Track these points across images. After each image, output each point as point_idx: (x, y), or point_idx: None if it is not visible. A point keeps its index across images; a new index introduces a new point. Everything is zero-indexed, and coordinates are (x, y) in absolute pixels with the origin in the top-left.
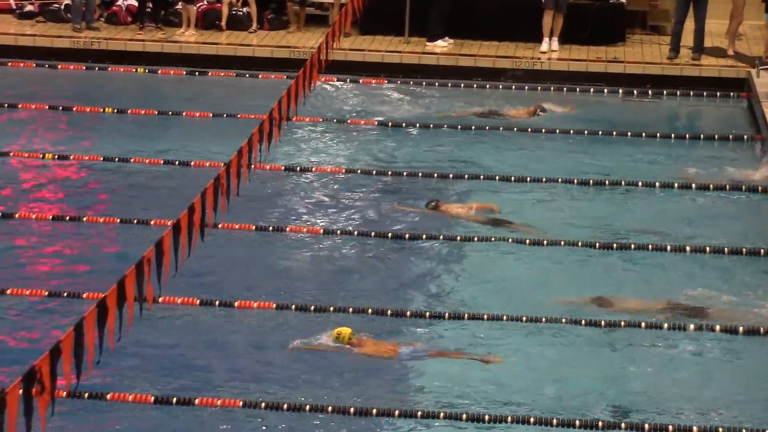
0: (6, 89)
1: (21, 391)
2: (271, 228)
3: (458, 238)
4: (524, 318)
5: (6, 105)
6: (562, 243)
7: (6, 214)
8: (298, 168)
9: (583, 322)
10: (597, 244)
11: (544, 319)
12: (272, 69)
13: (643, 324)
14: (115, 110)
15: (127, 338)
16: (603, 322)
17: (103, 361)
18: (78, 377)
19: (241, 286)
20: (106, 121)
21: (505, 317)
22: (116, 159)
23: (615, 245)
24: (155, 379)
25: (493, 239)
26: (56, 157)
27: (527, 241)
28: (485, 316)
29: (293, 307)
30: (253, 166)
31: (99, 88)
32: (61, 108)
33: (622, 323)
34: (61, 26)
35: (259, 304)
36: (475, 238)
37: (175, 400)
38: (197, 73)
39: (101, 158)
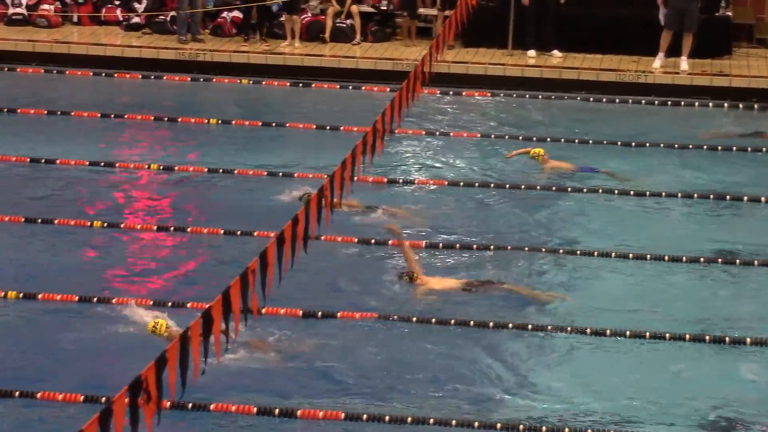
0: (112, 100)
1: (127, 401)
2: (373, 241)
3: (560, 251)
4: (627, 333)
5: (112, 115)
6: (666, 258)
7: (111, 223)
8: (401, 180)
9: (687, 337)
10: (702, 259)
11: (647, 335)
12: (375, 81)
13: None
14: (220, 121)
15: (231, 348)
16: (708, 338)
17: (207, 370)
18: (183, 387)
19: (343, 298)
20: (211, 132)
21: (608, 331)
22: (220, 170)
23: (721, 260)
24: (259, 389)
25: (596, 254)
26: (161, 167)
27: (630, 256)
28: (588, 330)
29: (395, 317)
30: (355, 177)
31: (204, 99)
32: (166, 119)
33: (727, 339)
34: (167, 38)
35: (362, 315)
36: (578, 252)
37: (277, 411)
38: (301, 85)
39: (206, 169)
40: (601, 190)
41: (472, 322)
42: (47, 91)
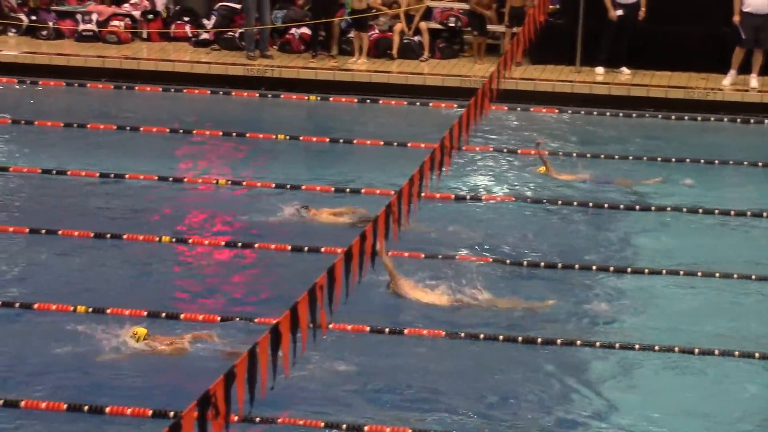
0: (181, 115)
1: (196, 415)
2: (440, 256)
3: (628, 269)
4: (696, 350)
5: (181, 131)
6: (735, 276)
7: (180, 239)
8: (468, 197)
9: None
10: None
11: (716, 352)
12: (443, 97)
13: None
14: (288, 137)
15: (298, 362)
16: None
17: (276, 386)
18: (251, 402)
19: (410, 314)
20: (279, 148)
21: (677, 348)
22: (288, 186)
23: None
24: (326, 404)
25: (664, 272)
26: (229, 182)
27: (699, 273)
28: (656, 347)
29: (462, 335)
30: (423, 194)
31: (272, 115)
32: (234, 134)
33: None
34: (235, 54)
35: (429, 332)
36: (646, 270)
37: (345, 426)
38: (368, 101)
39: (273, 185)
40: (669, 208)
41: (540, 339)
42: (116, 106)
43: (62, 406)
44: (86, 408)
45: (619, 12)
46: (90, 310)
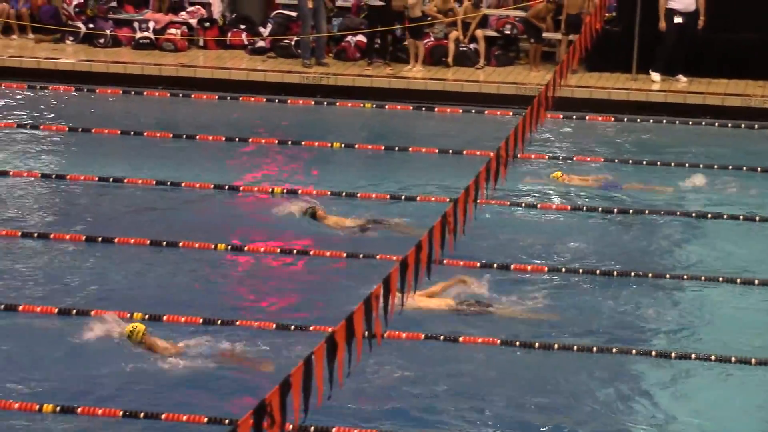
0: (237, 123)
1: (252, 424)
2: (495, 265)
3: (684, 276)
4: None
5: (237, 139)
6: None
7: (236, 247)
8: (523, 204)
9: None
10: None
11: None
12: (498, 105)
13: None
14: (343, 145)
15: (355, 371)
16: None
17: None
18: (306, 412)
19: (464, 322)
20: (334, 155)
21: (733, 359)
22: (343, 194)
23: None
24: (380, 413)
25: (720, 279)
26: (285, 191)
27: (756, 281)
28: (713, 357)
29: (517, 343)
30: (479, 202)
31: (327, 122)
32: (290, 142)
33: None
34: (291, 62)
35: (484, 340)
36: (703, 278)
37: None
38: (424, 109)
39: (329, 192)
40: (725, 216)
41: (594, 348)
42: (173, 114)
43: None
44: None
45: (679, 20)
46: (146, 317)
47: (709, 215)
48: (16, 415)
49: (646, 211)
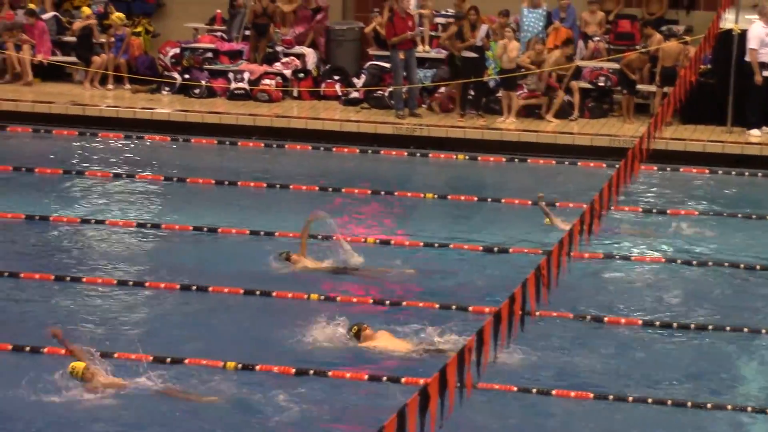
0: (330, 173)
1: None
2: (588, 317)
3: (763, 330)
4: None
5: (330, 189)
6: None
7: (328, 296)
8: (617, 256)
9: None
10: None
11: None
12: (592, 157)
13: None
14: (436, 196)
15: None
16: None
17: None
18: None
19: (557, 375)
20: (427, 206)
21: None
22: (435, 245)
23: None
24: None
25: None
26: (377, 241)
27: None
28: None
29: (611, 397)
30: (572, 254)
31: (420, 173)
32: (383, 192)
33: None
34: (384, 112)
35: (577, 394)
36: None
37: None
38: (516, 160)
39: (421, 243)
40: None
41: (709, 405)
42: (267, 164)
43: None
44: None
45: (766, 73)
46: (239, 366)
47: None
48: None
49: (741, 266)
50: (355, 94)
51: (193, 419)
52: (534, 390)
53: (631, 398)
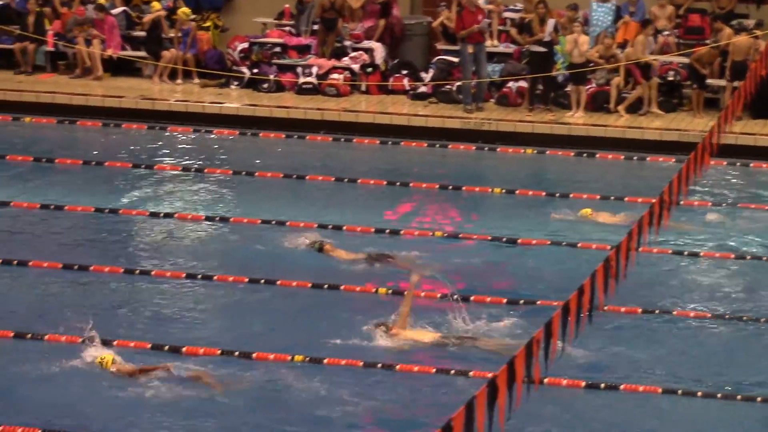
0: (398, 168)
1: None
2: (657, 311)
3: None
4: None
5: (398, 183)
6: None
7: (396, 291)
8: (686, 252)
9: None
10: None
11: None
12: (661, 151)
13: None
14: (504, 190)
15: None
16: None
17: None
18: None
19: (625, 369)
20: (494, 201)
21: None
22: (503, 239)
23: None
24: None
25: None
26: (445, 235)
27: None
28: None
29: (679, 392)
30: (640, 249)
31: (488, 168)
32: (450, 187)
33: None
34: (452, 107)
35: (645, 388)
36: None
37: None
38: (585, 155)
39: (489, 237)
40: None
41: (759, 398)
42: (335, 158)
43: None
44: None
45: None
46: (307, 359)
47: None
48: None
49: None
50: (423, 89)
51: (257, 410)
52: (602, 385)
53: (700, 393)
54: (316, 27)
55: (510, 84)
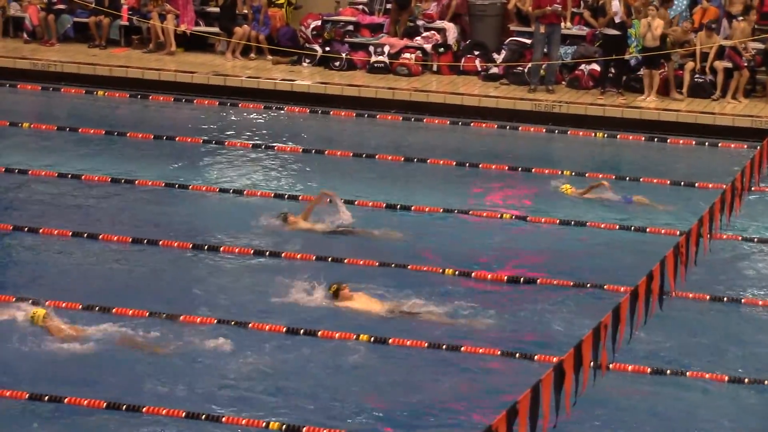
0: (468, 149)
1: None
2: (725, 299)
3: None
4: None
5: (467, 164)
6: None
7: (464, 272)
8: (756, 239)
9: None
10: None
11: None
12: (733, 137)
13: None
14: (573, 173)
15: (581, 402)
16: None
17: (558, 424)
18: None
19: (691, 356)
20: (564, 183)
21: None
22: (572, 222)
23: None
24: None
25: None
26: (513, 217)
27: None
28: None
29: (746, 380)
30: (711, 235)
31: (557, 150)
32: (520, 169)
33: None
34: (524, 89)
35: (711, 376)
36: None
37: None
38: (656, 140)
39: (557, 221)
40: None
41: None
42: (405, 137)
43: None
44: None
45: None
46: (371, 339)
47: None
48: None
49: None
50: (494, 70)
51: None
52: (668, 371)
53: (767, 381)
54: (389, 6)
55: (582, 67)
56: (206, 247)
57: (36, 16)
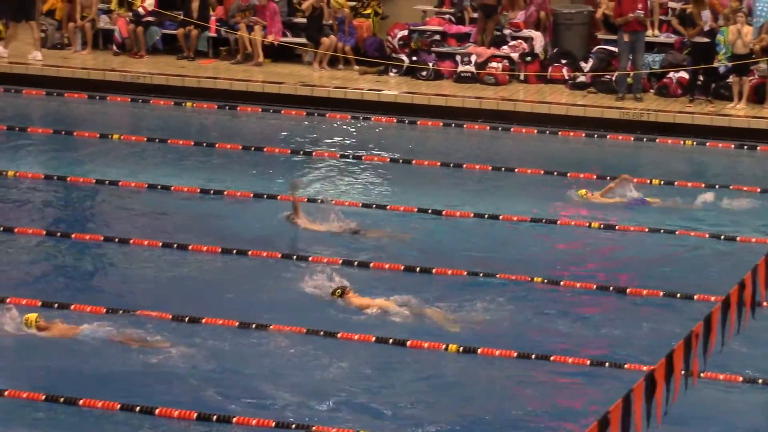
0: (556, 157)
1: None
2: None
3: None
4: None
5: (556, 173)
6: None
7: (552, 280)
8: None
9: None
10: None
11: None
12: None
13: None
14: (662, 182)
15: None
16: None
17: None
18: None
19: None
20: (652, 192)
21: None
22: (661, 230)
23: None
24: None
25: None
26: (601, 225)
27: None
28: None
29: None
30: None
31: (646, 159)
32: (608, 177)
33: None
34: (611, 97)
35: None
36: None
37: None
38: (746, 148)
39: (646, 229)
40: None
41: None
42: (492, 147)
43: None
44: None
45: None
46: (461, 349)
47: None
48: None
49: None
50: (582, 78)
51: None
52: (760, 380)
53: None
54: (476, 15)
55: (671, 74)
56: (294, 257)
57: (125, 28)
